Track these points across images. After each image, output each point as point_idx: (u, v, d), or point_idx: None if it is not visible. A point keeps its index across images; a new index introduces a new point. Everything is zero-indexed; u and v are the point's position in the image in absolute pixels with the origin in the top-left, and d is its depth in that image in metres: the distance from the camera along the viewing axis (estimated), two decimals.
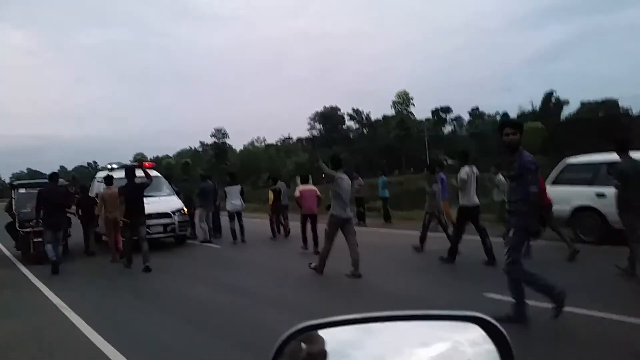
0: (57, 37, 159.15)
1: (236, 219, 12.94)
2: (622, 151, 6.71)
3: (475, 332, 0.85)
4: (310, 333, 0.86)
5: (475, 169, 8.46)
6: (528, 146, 6.29)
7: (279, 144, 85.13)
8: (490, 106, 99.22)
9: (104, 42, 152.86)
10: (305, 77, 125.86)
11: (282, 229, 13.66)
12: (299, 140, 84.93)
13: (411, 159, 67.17)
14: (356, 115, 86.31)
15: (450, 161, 43.90)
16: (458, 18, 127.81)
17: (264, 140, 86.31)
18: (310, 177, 11.79)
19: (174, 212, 12.78)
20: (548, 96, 65.91)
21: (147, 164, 13.71)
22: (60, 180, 11.89)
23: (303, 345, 0.85)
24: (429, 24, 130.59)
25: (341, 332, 0.87)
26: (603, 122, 46.65)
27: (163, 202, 13.04)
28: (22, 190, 12.56)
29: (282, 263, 9.81)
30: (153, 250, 10.92)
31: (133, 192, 10.11)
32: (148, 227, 10.84)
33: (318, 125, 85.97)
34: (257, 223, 15.79)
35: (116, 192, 10.54)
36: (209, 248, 12.48)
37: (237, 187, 13.49)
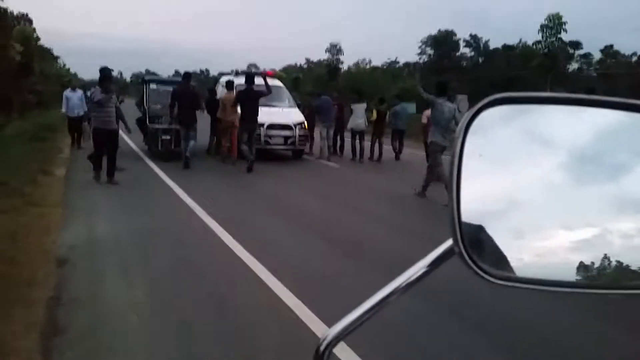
0: None
1: (358, 137, 12.91)
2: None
3: None
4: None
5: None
6: None
7: (384, 67, 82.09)
8: (627, 46, 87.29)
9: None
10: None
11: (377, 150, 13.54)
12: (406, 64, 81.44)
13: None
14: (473, 41, 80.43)
15: None
16: None
17: (370, 62, 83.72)
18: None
19: (295, 125, 12.48)
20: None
21: (268, 72, 13.95)
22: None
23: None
24: None
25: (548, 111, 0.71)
26: None
27: (285, 113, 12.74)
28: (153, 87, 12.96)
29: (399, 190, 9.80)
30: (272, 160, 11.48)
31: (248, 98, 10.55)
32: (269, 137, 11.79)
33: (429, 50, 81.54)
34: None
35: (233, 96, 11.03)
36: (326, 166, 12.59)
37: (363, 105, 13.37)
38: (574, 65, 77.47)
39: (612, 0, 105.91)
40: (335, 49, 75.79)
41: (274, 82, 13.26)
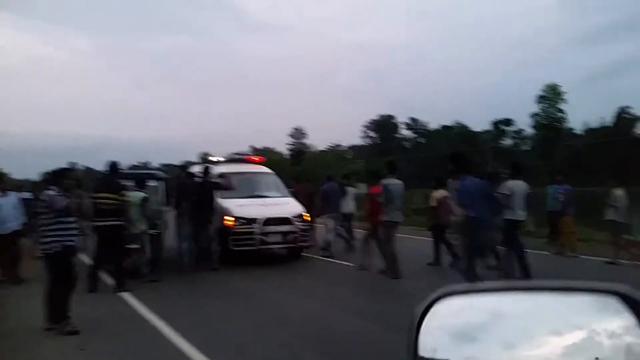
0: (117, 41, 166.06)
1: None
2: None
3: (612, 305, 0.77)
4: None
5: (523, 184, 8.49)
6: None
7: (329, 150, 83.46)
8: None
9: (163, 49, 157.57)
10: (358, 87, 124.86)
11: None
12: (352, 147, 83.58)
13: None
14: (413, 123, 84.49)
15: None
16: (516, 34, 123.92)
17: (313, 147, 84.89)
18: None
19: (294, 218, 10.44)
20: (621, 111, 61.80)
21: (256, 158, 12.86)
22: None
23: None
24: (485, 39, 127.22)
25: (483, 300, 0.84)
26: None
27: (280, 204, 10.80)
28: None
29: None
30: (267, 264, 10.00)
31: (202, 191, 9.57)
32: (265, 234, 10.00)
33: (372, 134, 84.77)
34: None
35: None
36: (338, 266, 10.10)
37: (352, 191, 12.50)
38: (508, 142, 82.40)
39: (535, 79, 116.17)
40: (299, 133, 77.10)
41: (262, 169, 12.28)
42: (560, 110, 48.58)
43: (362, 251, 9.31)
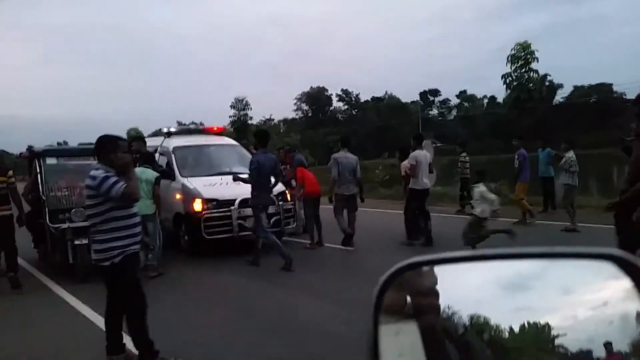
0: (20, 15, 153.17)
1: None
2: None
3: (608, 270, 0.73)
4: (419, 270, 0.78)
5: (427, 153, 8.75)
6: None
7: (260, 124, 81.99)
8: (478, 90, 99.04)
9: (70, 22, 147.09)
10: (281, 61, 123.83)
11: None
12: (282, 121, 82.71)
13: (399, 142, 66.63)
14: (345, 96, 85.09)
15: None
16: (432, 9, 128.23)
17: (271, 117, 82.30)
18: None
19: (276, 197, 8.43)
20: (542, 79, 65.32)
21: (216, 128, 10.87)
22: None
23: (412, 281, 0.76)
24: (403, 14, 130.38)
25: (453, 270, 0.78)
26: (596, 105, 46.45)
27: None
28: (51, 161, 7.83)
29: None
30: (247, 252, 7.81)
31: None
32: (243, 218, 8.20)
33: (305, 106, 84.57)
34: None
35: None
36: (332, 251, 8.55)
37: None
38: (434, 111, 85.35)
39: (455, 52, 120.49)
40: (241, 104, 70.69)
41: (225, 140, 10.72)
42: (533, 70, 46.05)
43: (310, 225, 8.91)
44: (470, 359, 0.75)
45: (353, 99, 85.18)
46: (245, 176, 8.04)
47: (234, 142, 10.87)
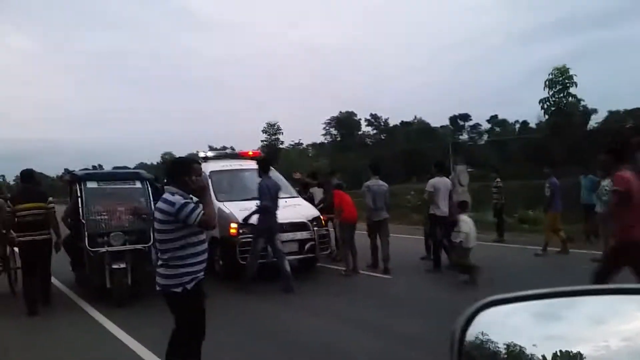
0: (58, 40, 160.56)
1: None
2: None
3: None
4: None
5: (447, 180, 8.84)
6: None
7: (290, 148, 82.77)
8: (509, 115, 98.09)
9: (106, 48, 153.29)
10: (311, 86, 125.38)
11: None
12: (311, 145, 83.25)
13: (428, 167, 65.99)
14: (374, 120, 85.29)
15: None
16: (460, 34, 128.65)
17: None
18: None
19: (311, 222, 8.55)
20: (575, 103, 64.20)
21: (252, 152, 10.68)
22: None
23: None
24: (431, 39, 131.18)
25: (531, 307, 0.80)
26: (632, 131, 44.98)
27: (292, 207, 8.82)
28: (92, 185, 7.83)
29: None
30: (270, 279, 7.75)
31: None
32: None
33: (334, 131, 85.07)
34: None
35: None
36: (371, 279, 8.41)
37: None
38: (464, 136, 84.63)
39: (483, 77, 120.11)
40: (273, 129, 71.96)
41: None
42: (572, 95, 44.84)
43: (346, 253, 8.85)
44: None
45: (382, 123, 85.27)
46: (285, 200, 8.50)
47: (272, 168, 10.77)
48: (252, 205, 8.15)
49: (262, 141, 72.33)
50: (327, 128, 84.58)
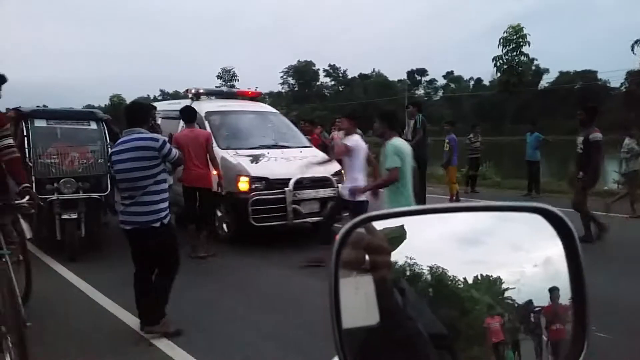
0: None
1: None
2: None
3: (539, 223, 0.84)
4: (370, 225, 0.79)
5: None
6: None
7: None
8: (464, 72, 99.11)
9: None
10: (265, 32, 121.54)
11: None
12: (268, 94, 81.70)
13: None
14: (332, 71, 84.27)
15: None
16: None
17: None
18: None
19: (333, 177, 7.17)
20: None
21: (252, 92, 9.65)
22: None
23: (366, 235, 0.78)
24: None
25: (402, 223, 0.81)
26: (580, 92, 46.78)
27: (308, 158, 7.20)
28: (40, 124, 6.93)
29: None
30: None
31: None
32: (298, 202, 6.83)
33: (291, 80, 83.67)
34: None
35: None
36: None
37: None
38: (421, 91, 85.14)
39: (443, 30, 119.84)
40: (228, 75, 69.18)
41: (264, 107, 9.36)
42: (525, 54, 45.31)
43: None
44: (420, 308, 0.80)
45: (340, 74, 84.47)
46: (299, 150, 7.37)
47: (273, 109, 9.57)
48: (263, 154, 7.14)
49: (216, 87, 69.85)
50: (285, 77, 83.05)
